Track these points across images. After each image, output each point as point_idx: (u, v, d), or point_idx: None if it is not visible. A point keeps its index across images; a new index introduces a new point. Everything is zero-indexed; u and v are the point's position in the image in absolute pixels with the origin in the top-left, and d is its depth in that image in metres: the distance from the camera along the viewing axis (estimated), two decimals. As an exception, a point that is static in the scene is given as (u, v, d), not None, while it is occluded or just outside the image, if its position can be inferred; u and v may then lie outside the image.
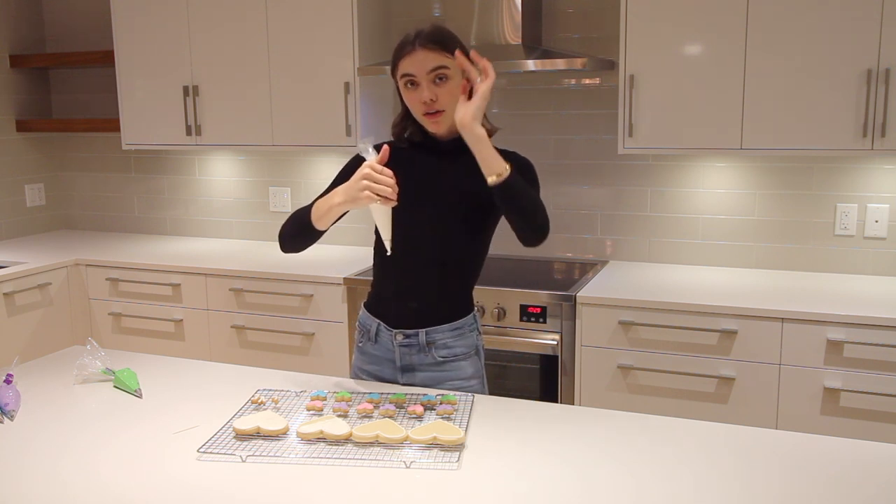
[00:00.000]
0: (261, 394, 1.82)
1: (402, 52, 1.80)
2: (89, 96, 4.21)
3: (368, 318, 2.01)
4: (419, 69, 1.78)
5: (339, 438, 1.58)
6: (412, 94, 1.81)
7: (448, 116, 1.81)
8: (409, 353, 1.95)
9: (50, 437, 1.65)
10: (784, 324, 2.59)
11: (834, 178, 3.04)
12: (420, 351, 1.94)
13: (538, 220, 1.76)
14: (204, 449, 1.55)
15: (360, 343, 2.03)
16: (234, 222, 4.04)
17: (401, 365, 1.96)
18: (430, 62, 1.77)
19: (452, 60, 1.78)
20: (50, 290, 3.49)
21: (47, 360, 2.15)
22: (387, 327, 1.96)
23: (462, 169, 1.85)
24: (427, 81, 1.78)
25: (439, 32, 1.81)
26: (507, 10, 3.05)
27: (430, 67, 1.78)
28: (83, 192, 4.36)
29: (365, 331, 2.01)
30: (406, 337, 1.94)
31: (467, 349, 1.97)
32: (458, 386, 1.95)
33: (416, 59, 1.78)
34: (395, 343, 1.95)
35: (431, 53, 1.78)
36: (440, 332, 1.93)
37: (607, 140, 3.30)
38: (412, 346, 1.94)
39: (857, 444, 1.57)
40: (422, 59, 1.77)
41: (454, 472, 1.47)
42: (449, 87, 1.80)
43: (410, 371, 1.96)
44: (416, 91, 1.80)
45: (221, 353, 3.39)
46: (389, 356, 1.97)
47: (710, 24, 2.78)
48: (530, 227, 1.76)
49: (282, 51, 3.38)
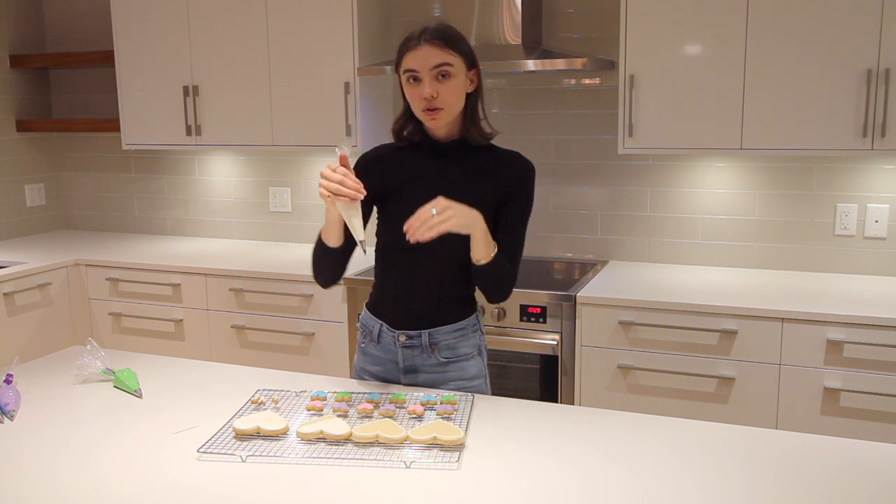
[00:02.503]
0: (261, 394, 1.82)
1: (407, 46, 1.79)
2: (89, 96, 4.21)
3: (371, 319, 2.00)
4: (422, 64, 1.77)
5: (339, 438, 1.58)
6: (414, 89, 1.80)
7: (447, 114, 1.81)
8: (412, 355, 1.94)
9: (49, 436, 1.65)
10: (784, 324, 2.59)
11: (834, 178, 3.04)
12: (423, 352, 1.93)
13: (505, 292, 1.91)
14: (204, 449, 1.55)
15: (362, 344, 2.02)
16: (234, 222, 4.04)
17: (404, 366, 1.95)
18: (433, 58, 1.77)
19: (457, 59, 1.78)
20: (50, 290, 3.49)
21: (47, 360, 2.15)
22: (389, 328, 1.95)
23: (461, 170, 1.86)
24: (429, 78, 1.77)
25: (445, 30, 1.80)
26: (507, 10, 3.05)
27: (434, 64, 1.77)
28: (83, 192, 4.36)
29: (367, 331, 2.00)
30: (409, 338, 1.93)
31: (470, 349, 1.97)
32: (462, 386, 1.94)
33: (420, 54, 1.77)
34: (398, 344, 1.94)
35: (436, 50, 1.77)
36: (443, 333, 1.93)
37: (607, 140, 3.30)
38: (415, 347, 1.93)
39: (857, 444, 1.57)
40: (426, 54, 1.77)
41: (454, 472, 1.47)
42: (451, 85, 1.79)
43: (413, 372, 1.95)
44: (417, 87, 1.79)
45: (221, 353, 3.38)
46: (392, 357, 1.96)
47: (710, 23, 2.78)
48: (497, 297, 1.92)
49: (282, 50, 3.38)
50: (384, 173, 1.91)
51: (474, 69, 1.84)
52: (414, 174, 1.89)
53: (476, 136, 1.88)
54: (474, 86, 1.85)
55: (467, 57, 1.81)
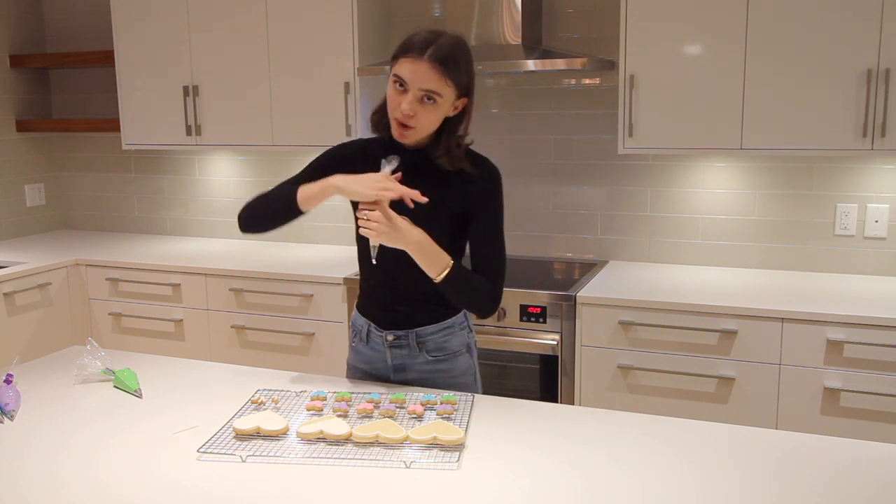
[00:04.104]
0: (261, 394, 1.82)
1: (409, 52, 1.71)
2: (89, 96, 4.21)
3: (360, 319, 2.01)
4: (414, 79, 1.69)
5: (339, 438, 1.58)
6: (396, 95, 1.74)
7: (416, 134, 1.76)
8: (399, 354, 1.94)
9: (49, 436, 1.65)
10: (784, 324, 2.59)
11: (834, 177, 3.04)
12: (411, 351, 1.93)
13: (482, 308, 1.86)
14: (204, 449, 1.55)
15: (353, 342, 2.04)
16: (234, 222, 4.03)
17: (392, 364, 1.96)
18: (426, 81, 1.69)
19: (449, 89, 1.72)
20: (50, 290, 3.49)
21: (47, 360, 2.15)
22: (377, 328, 1.96)
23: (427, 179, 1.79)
24: (414, 96, 1.70)
25: (453, 54, 1.71)
26: (507, 10, 3.05)
27: (424, 87, 1.69)
28: (83, 192, 4.36)
29: (357, 331, 2.02)
30: (396, 338, 1.93)
31: (459, 347, 1.96)
32: (450, 383, 1.94)
33: (417, 68, 1.69)
34: (386, 344, 1.95)
35: (433, 73, 1.68)
36: (430, 333, 1.92)
37: (607, 140, 3.30)
38: (402, 346, 1.94)
39: (856, 444, 1.57)
40: (421, 72, 1.69)
41: (454, 472, 1.47)
42: (431, 110, 1.72)
43: (402, 370, 1.96)
44: (400, 95, 1.73)
45: (221, 353, 3.38)
46: (381, 356, 1.97)
47: (709, 23, 2.78)
48: (475, 311, 1.89)
49: (282, 50, 3.38)
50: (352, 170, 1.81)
51: (465, 97, 1.78)
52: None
53: (444, 161, 1.80)
54: (456, 112, 1.78)
55: (461, 87, 1.75)
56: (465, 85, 1.76)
